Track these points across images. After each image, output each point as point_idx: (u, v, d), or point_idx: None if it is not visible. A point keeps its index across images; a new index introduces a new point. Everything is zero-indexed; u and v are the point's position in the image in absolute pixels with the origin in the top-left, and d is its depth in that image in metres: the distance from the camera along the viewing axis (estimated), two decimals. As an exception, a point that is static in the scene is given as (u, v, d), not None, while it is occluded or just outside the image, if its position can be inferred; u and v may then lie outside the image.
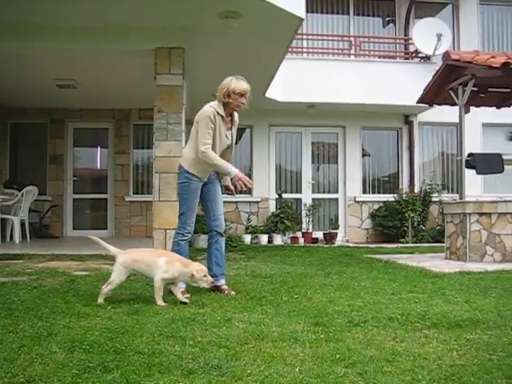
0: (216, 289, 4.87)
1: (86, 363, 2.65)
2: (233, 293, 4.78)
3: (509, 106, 9.41)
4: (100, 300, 4.26)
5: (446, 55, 8.51)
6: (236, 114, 5.08)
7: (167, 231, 7.40)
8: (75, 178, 13.02)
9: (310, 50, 13.33)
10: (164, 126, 7.80)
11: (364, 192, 13.60)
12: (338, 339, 3.19)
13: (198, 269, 4.34)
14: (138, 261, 4.41)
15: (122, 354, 2.83)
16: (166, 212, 7.50)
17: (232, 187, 5.25)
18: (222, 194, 5.23)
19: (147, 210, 12.12)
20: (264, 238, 12.00)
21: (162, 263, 4.31)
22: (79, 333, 3.27)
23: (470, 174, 8.78)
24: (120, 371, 2.54)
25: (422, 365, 2.71)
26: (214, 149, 4.82)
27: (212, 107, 4.84)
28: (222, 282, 4.93)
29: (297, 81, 11.93)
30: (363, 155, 13.73)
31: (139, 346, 2.98)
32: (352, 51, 13.44)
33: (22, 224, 10.27)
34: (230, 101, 4.84)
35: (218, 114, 4.82)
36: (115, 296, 4.58)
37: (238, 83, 4.84)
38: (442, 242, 9.13)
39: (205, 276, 4.32)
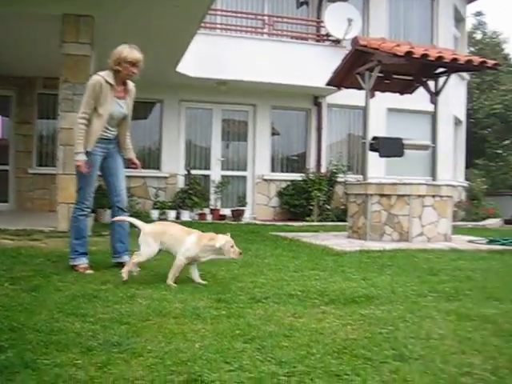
0: (120, 265, 4.82)
1: (-23, 343, 2.57)
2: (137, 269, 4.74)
3: (411, 93, 9.83)
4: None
5: (355, 40, 8.76)
6: (131, 84, 4.97)
7: (72, 206, 7.15)
8: (-27, 148, 12.34)
9: (224, 27, 13.22)
10: (70, 96, 7.56)
11: (272, 170, 13.80)
12: (239, 315, 3.26)
13: (226, 239, 4.26)
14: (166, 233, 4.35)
15: (18, 332, 2.76)
16: (71, 186, 7.25)
17: (137, 161, 5.17)
18: (126, 168, 5.14)
19: (52, 184, 11.67)
20: (172, 214, 11.93)
21: (190, 242, 4.27)
22: (-28, 310, 3.15)
23: (373, 157, 9.12)
24: (15, 350, 2.48)
25: (318, 339, 2.83)
26: (101, 117, 4.73)
27: (100, 75, 4.74)
28: (125, 259, 4.87)
29: (209, 57, 11.83)
30: (273, 134, 13.91)
31: (37, 323, 2.91)
32: (265, 30, 13.50)
33: None
34: (121, 69, 4.75)
35: (106, 82, 4.72)
36: (14, 272, 4.43)
37: (130, 52, 4.74)
38: (346, 221, 9.46)
39: (232, 247, 4.24)
